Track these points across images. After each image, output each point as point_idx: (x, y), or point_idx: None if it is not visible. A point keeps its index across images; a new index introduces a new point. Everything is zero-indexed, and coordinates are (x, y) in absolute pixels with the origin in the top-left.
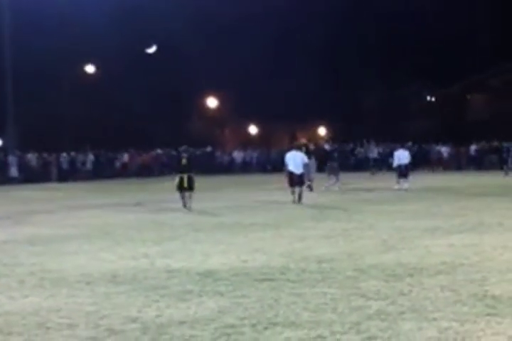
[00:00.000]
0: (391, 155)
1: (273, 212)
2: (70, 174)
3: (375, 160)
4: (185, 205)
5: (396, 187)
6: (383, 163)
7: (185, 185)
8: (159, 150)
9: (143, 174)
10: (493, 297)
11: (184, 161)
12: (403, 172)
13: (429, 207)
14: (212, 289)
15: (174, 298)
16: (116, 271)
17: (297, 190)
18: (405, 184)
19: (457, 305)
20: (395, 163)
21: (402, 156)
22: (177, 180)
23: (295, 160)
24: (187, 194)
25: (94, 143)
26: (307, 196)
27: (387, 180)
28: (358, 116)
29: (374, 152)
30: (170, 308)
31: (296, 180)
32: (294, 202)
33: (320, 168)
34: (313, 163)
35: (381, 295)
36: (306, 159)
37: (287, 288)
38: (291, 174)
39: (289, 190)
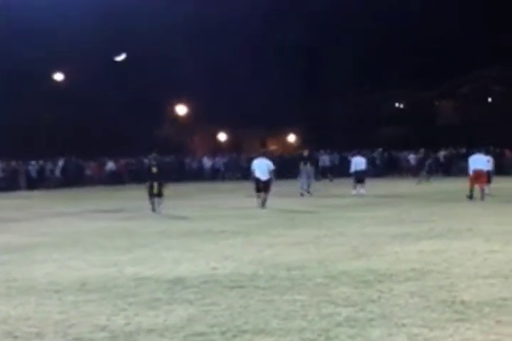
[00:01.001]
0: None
1: (243, 219)
2: (39, 182)
3: (324, 168)
4: (154, 210)
5: (353, 192)
6: (334, 170)
7: (155, 191)
8: (129, 159)
9: (113, 181)
10: (462, 303)
11: (154, 169)
12: (360, 178)
13: (399, 213)
14: (182, 297)
15: (143, 306)
16: (85, 279)
17: (262, 195)
18: (362, 189)
19: (426, 311)
20: (352, 169)
21: (359, 163)
22: (147, 186)
23: (261, 167)
24: (156, 200)
25: (64, 150)
26: (279, 202)
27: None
28: (329, 123)
29: (325, 161)
30: (139, 316)
31: (261, 186)
32: (258, 206)
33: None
34: (311, 170)
35: (351, 302)
36: (272, 166)
37: (257, 295)
38: (257, 180)
39: (256, 196)
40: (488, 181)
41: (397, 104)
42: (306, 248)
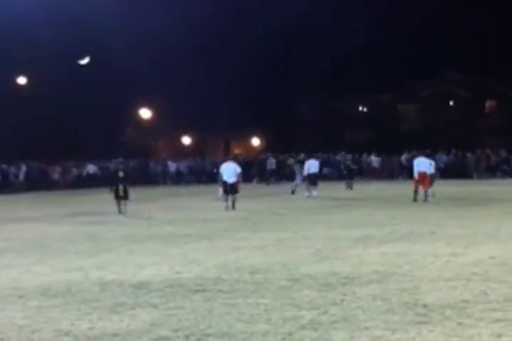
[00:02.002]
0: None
1: (207, 223)
2: (2, 187)
3: (272, 171)
4: (120, 211)
5: (306, 194)
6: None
7: (122, 193)
8: (93, 163)
9: (77, 186)
10: (424, 305)
11: (121, 174)
12: (313, 180)
13: (362, 216)
14: (146, 301)
15: (107, 311)
16: (49, 284)
17: (230, 197)
18: (314, 192)
19: (389, 313)
20: (305, 172)
21: (312, 166)
22: (114, 189)
23: (228, 171)
24: (122, 202)
25: (27, 154)
26: (244, 206)
27: (326, 190)
28: (293, 126)
29: (272, 164)
30: (102, 321)
31: (229, 189)
32: (226, 208)
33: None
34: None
35: (314, 305)
36: (239, 169)
37: (221, 298)
38: (224, 183)
39: (223, 198)
40: (430, 183)
41: (360, 108)
42: (269, 251)
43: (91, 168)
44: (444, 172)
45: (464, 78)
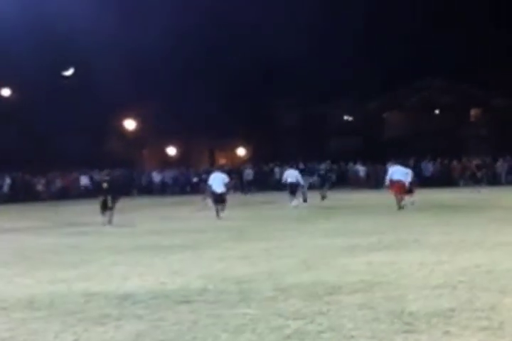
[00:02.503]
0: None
1: (192, 233)
2: None
3: (248, 182)
4: (103, 224)
5: (293, 203)
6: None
7: (109, 204)
8: (77, 173)
9: (62, 197)
10: (411, 314)
11: (105, 185)
12: (292, 189)
13: (348, 225)
14: (131, 312)
15: (92, 322)
16: (33, 296)
17: (219, 206)
18: (294, 201)
19: (375, 322)
20: (284, 180)
21: (290, 175)
22: (101, 201)
23: (217, 181)
24: (108, 213)
25: (11, 166)
26: (228, 215)
27: (312, 198)
28: (278, 136)
29: (250, 175)
30: (87, 332)
31: (217, 198)
32: (217, 217)
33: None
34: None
35: (300, 315)
36: (227, 179)
37: (206, 309)
38: (213, 193)
39: (213, 207)
40: (411, 191)
41: (346, 116)
42: (255, 261)
43: (83, 180)
44: (431, 181)
45: (449, 86)
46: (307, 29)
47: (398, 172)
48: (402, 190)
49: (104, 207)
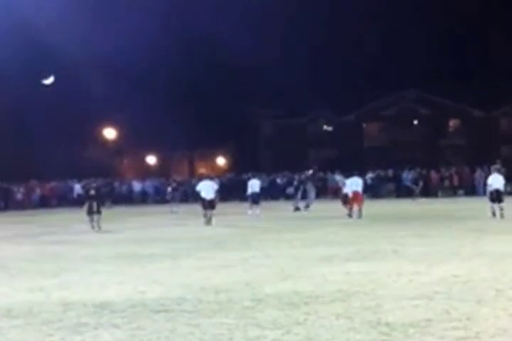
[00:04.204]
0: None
1: (171, 242)
2: None
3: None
4: (93, 227)
5: (249, 213)
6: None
7: (95, 209)
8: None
9: (41, 205)
10: (387, 324)
11: (92, 192)
12: (255, 199)
13: (326, 235)
14: (108, 321)
15: (69, 331)
16: (10, 304)
17: (208, 213)
18: (257, 210)
19: (351, 332)
20: (249, 191)
21: (254, 185)
22: (87, 206)
23: (206, 188)
24: (95, 217)
25: None
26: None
27: (282, 208)
28: (257, 145)
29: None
30: None
31: (207, 205)
32: (206, 223)
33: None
34: (311, 188)
35: (277, 325)
36: (216, 186)
37: (184, 318)
38: (203, 200)
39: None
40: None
41: (325, 127)
42: (233, 270)
43: (77, 189)
44: (409, 191)
45: (427, 97)
46: (287, 40)
47: (355, 183)
48: (357, 199)
49: (90, 212)
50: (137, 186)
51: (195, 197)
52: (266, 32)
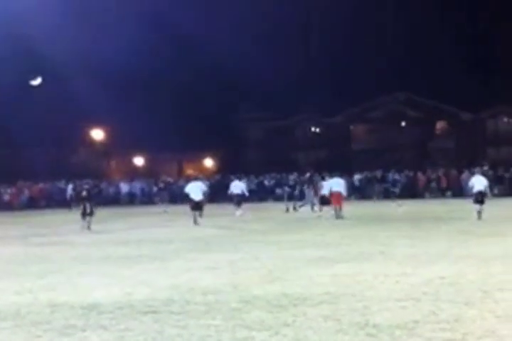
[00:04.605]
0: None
1: (159, 244)
2: None
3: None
4: (88, 228)
5: (237, 214)
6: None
7: (88, 211)
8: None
9: (29, 207)
10: (374, 325)
11: (84, 193)
12: (238, 201)
13: (314, 237)
14: (96, 323)
15: (57, 333)
16: None
17: (197, 213)
18: (240, 211)
19: (339, 334)
20: (232, 192)
21: (236, 187)
22: (81, 208)
23: (194, 189)
24: (88, 218)
25: None
26: (195, 226)
27: (279, 210)
28: (245, 147)
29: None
30: None
31: (195, 206)
32: (194, 223)
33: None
34: (310, 190)
35: (265, 326)
36: (204, 187)
37: (171, 320)
38: (191, 201)
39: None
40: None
41: (313, 129)
42: (221, 272)
43: (70, 190)
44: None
45: (415, 99)
46: (275, 43)
47: (336, 184)
48: (340, 200)
49: (84, 214)
50: (124, 187)
51: (183, 198)
52: (254, 34)
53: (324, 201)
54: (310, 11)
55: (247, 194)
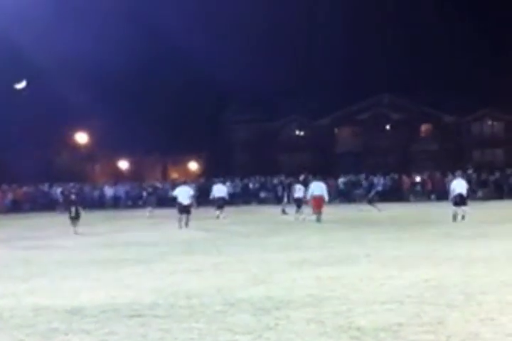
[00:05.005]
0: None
1: (144, 247)
2: None
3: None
4: (75, 232)
5: (221, 216)
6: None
7: (74, 215)
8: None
9: (13, 210)
10: (358, 328)
11: (73, 197)
12: (220, 204)
13: (298, 240)
14: (80, 327)
15: (40, 337)
16: None
17: (184, 217)
18: (222, 214)
19: (323, 337)
20: (212, 195)
21: (219, 190)
22: (69, 211)
23: (182, 193)
24: (76, 222)
25: None
26: (178, 230)
27: (263, 213)
28: (229, 150)
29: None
30: None
31: (182, 209)
32: (180, 227)
33: None
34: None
35: (248, 329)
36: (192, 191)
37: (155, 323)
38: (179, 204)
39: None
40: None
41: (297, 131)
42: (205, 275)
43: (58, 193)
44: (381, 196)
45: (399, 102)
46: (261, 46)
47: (317, 188)
48: (321, 204)
49: (72, 217)
50: (109, 191)
51: (170, 202)
52: (240, 38)
53: (299, 204)
54: (296, 13)
55: (227, 197)
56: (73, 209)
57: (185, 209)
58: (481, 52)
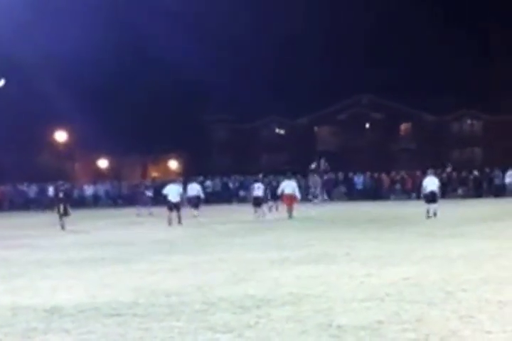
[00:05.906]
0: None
1: (123, 246)
2: None
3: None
4: (62, 228)
5: (195, 214)
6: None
7: (62, 212)
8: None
9: None
10: (338, 327)
11: (61, 194)
12: (194, 203)
13: (278, 239)
14: (59, 326)
15: (18, 337)
16: None
17: (175, 214)
18: (195, 212)
19: (302, 336)
20: (188, 194)
21: (193, 189)
22: (57, 208)
23: (172, 191)
24: (64, 218)
25: None
26: (159, 229)
27: (243, 212)
28: (209, 149)
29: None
30: None
31: (173, 207)
32: (169, 223)
33: None
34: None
35: (229, 328)
36: (181, 190)
37: (135, 322)
38: (169, 202)
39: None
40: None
41: (277, 130)
42: (185, 274)
43: (50, 191)
44: (361, 194)
45: (379, 101)
46: (240, 46)
47: (289, 187)
48: (292, 202)
49: (60, 214)
50: (88, 190)
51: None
52: (219, 38)
53: (257, 202)
54: (274, 13)
55: (202, 196)
56: (61, 206)
57: (175, 207)
58: (461, 53)
